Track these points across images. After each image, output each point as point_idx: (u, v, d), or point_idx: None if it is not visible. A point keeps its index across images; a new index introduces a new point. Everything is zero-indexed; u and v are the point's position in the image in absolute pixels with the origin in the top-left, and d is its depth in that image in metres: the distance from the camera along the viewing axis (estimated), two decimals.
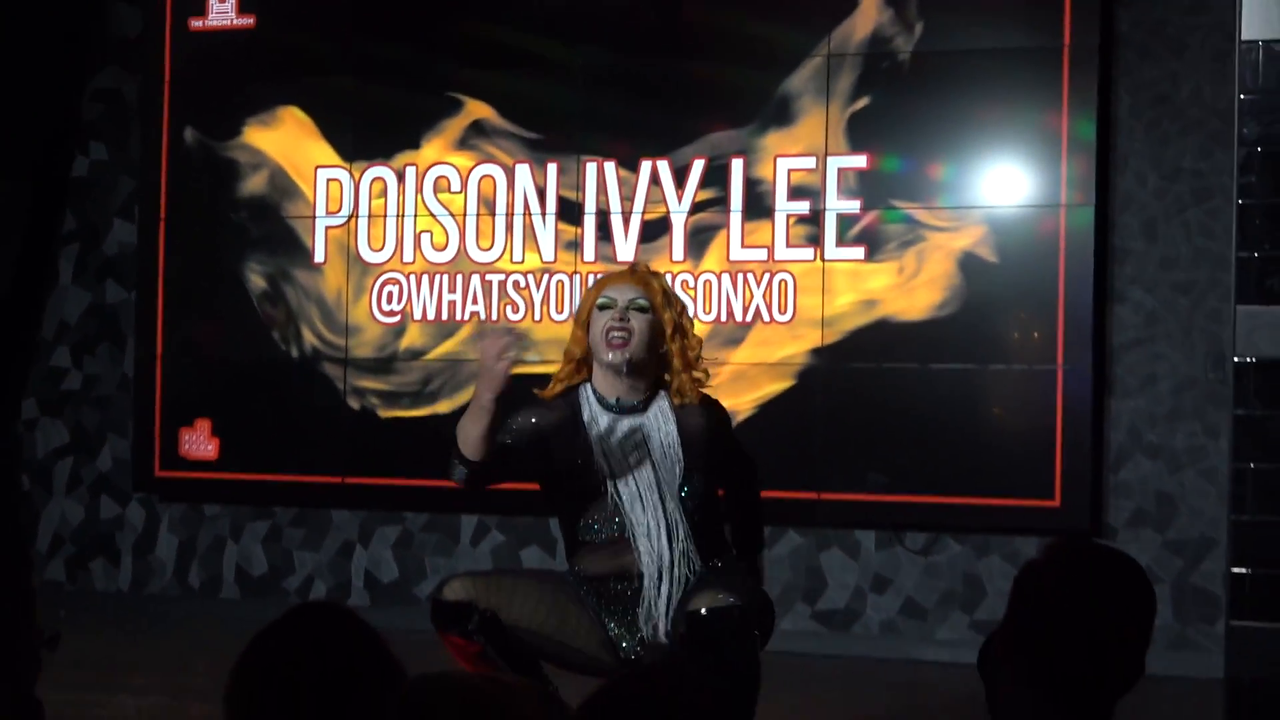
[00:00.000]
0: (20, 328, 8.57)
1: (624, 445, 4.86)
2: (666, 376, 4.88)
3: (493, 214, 8.16)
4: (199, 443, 8.67)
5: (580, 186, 8.11)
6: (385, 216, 8.39)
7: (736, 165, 7.87)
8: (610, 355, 4.75)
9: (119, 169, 9.06)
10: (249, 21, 8.65)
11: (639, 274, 4.91)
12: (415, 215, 8.30)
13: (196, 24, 8.71)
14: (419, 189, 8.29)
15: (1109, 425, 7.52)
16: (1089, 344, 7.38)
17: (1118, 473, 7.48)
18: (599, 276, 5.21)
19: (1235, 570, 6.60)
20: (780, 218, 7.77)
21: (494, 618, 4.73)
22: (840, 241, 7.69)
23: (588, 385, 4.90)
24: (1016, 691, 2.55)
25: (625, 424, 4.87)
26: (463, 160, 8.20)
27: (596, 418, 4.87)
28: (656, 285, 4.89)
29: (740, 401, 7.73)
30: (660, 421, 4.87)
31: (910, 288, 7.61)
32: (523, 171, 8.09)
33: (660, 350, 4.85)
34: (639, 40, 8.08)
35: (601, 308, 4.80)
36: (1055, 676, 2.51)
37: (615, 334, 4.76)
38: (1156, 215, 7.51)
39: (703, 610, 4.59)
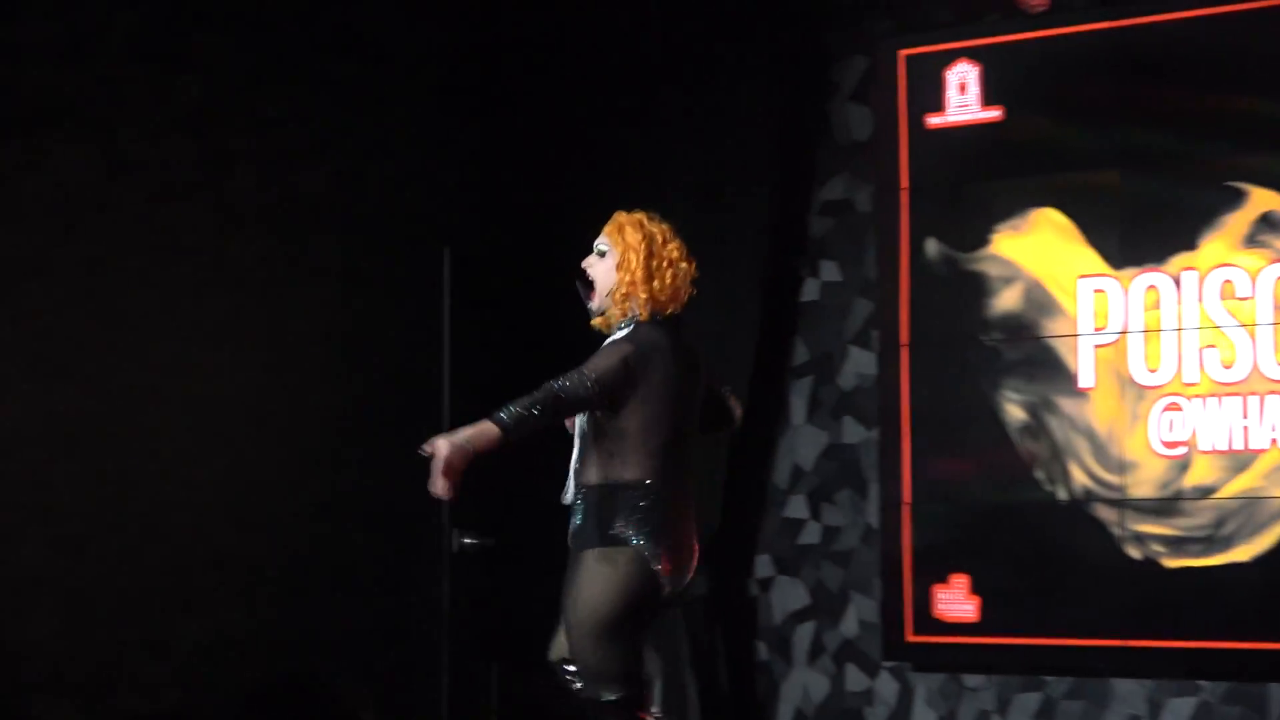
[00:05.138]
0: (752, 474, 8.89)
1: None
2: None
3: None
4: (956, 602, 8.21)
5: None
6: (1161, 331, 7.90)
7: None
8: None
9: (853, 290, 8.76)
10: (996, 114, 8.21)
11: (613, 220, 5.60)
12: (1197, 328, 7.79)
13: (934, 120, 8.32)
14: (1200, 296, 7.73)
15: None
16: None
17: None
18: None
19: None
20: None
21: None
22: None
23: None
24: None
25: None
26: (1251, 260, 7.66)
27: None
28: (618, 224, 5.56)
29: None
30: None
31: None
32: None
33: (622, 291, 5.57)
34: None
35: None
36: None
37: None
38: None
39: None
